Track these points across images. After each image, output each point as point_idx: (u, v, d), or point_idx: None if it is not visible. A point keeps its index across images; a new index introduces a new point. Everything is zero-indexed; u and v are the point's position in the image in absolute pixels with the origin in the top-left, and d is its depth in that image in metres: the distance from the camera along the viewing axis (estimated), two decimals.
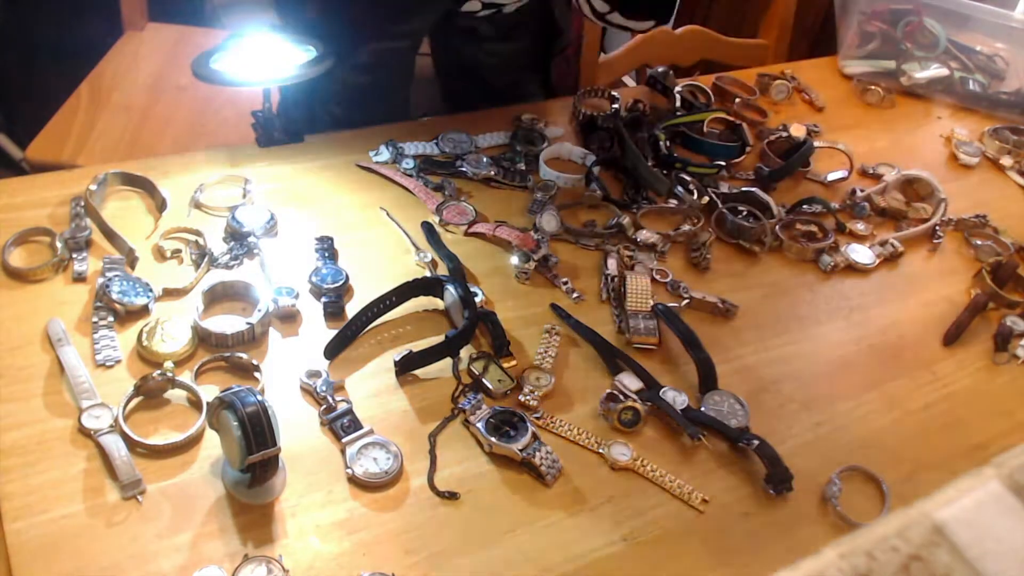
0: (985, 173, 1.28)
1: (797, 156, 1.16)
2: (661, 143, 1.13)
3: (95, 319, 0.81)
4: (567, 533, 0.72)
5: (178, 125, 1.62)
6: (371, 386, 0.81)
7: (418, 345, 0.84)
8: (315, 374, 0.80)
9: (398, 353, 0.82)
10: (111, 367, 0.78)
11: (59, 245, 0.87)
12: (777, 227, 1.05)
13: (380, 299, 0.86)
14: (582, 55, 1.46)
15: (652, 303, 0.92)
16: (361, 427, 0.76)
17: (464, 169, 1.07)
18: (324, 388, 0.78)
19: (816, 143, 1.20)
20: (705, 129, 1.21)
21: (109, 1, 1.82)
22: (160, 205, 0.95)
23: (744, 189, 1.09)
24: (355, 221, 0.99)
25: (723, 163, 1.14)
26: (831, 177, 1.19)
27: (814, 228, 1.07)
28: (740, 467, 0.79)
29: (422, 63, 1.29)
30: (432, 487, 0.73)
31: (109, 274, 0.84)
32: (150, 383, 0.76)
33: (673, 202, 1.08)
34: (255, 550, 0.67)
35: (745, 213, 1.04)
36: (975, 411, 0.89)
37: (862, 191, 1.15)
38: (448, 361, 0.83)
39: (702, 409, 0.83)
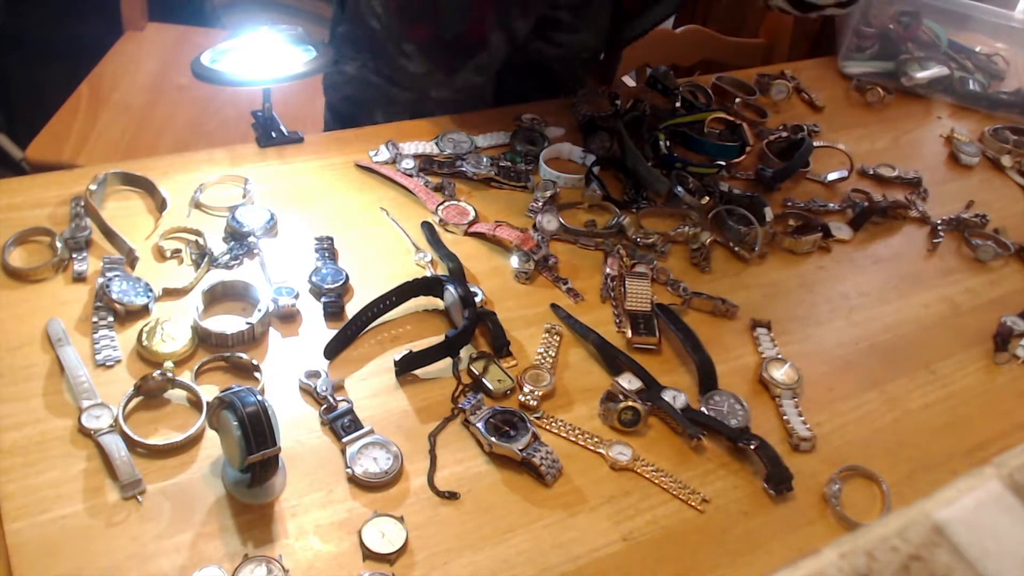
0: (985, 173, 1.28)
1: (798, 156, 1.16)
2: (661, 143, 1.13)
3: (95, 319, 0.81)
4: (567, 533, 0.72)
5: (178, 125, 1.62)
6: (371, 386, 0.81)
7: (418, 345, 0.84)
8: (315, 374, 0.80)
9: (398, 353, 0.82)
10: (111, 367, 0.78)
11: (59, 245, 0.87)
12: (771, 230, 1.06)
13: (380, 299, 0.86)
14: None
15: (652, 303, 0.92)
16: (361, 427, 0.76)
17: (464, 169, 1.07)
18: (324, 388, 0.78)
19: (816, 143, 1.20)
20: (705, 129, 1.21)
21: (109, 1, 1.83)
22: (160, 205, 0.95)
23: (749, 194, 1.09)
24: (355, 221, 0.99)
25: (723, 163, 1.14)
26: (831, 177, 1.19)
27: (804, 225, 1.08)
28: (740, 467, 0.79)
29: None
30: (432, 487, 0.73)
31: (109, 274, 0.84)
32: (150, 383, 0.76)
33: (673, 202, 1.08)
34: (255, 550, 0.67)
35: (739, 216, 1.04)
36: (975, 411, 0.89)
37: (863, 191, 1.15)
38: (448, 361, 0.83)
39: (702, 409, 0.83)
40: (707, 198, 1.08)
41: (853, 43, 1.44)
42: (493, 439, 0.76)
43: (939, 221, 1.14)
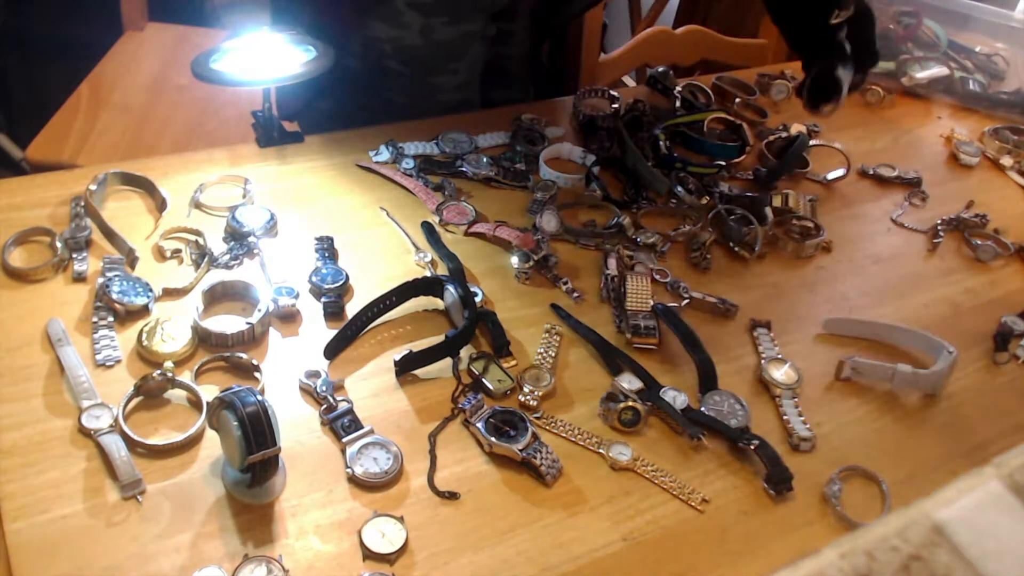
0: (985, 173, 1.28)
1: (791, 154, 1.16)
2: (661, 143, 1.13)
3: (95, 319, 0.81)
4: (567, 533, 0.72)
5: (178, 125, 1.62)
6: (371, 386, 0.81)
7: (418, 345, 0.84)
8: (315, 374, 0.80)
9: (398, 353, 0.82)
10: (111, 367, 0.78)
11: (59, 245, 0.87)
12: (770, 230, 1.06)
13: (380, 299, 0.86)
14: (582, 55, 1.46)
15: (652, 303, 0.92)
16: (361, 427, 0.76)
17: (464, 169, 1.07)
18: (324, 388, 0.78)
19: (812, 142, 1.21)
20: (705, 129, 1.21)
21: (109, 1, 1.83)
22: (160, 205, 0.95)
23: (749, 194, 1.09)
24: (355, 221, 0.99)
25: (723, 163, 1.14)
26: (831, 176, 1.19)
27: (809, 224, 1.08)
28: (740, 467, 0.79)
29: None
30: (432, 487, 0.73)
31: (109, 274, 0.84)
32: (150, 383, 0.76)
33: (673, 202, 1.08)
34: (255, 550, 0.67)
35: (739, 216, 1.04)
36: (975, 411, 0.89)
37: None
38: (448, 361, 0.83)
39: (702, 409, 0.83)
40: (707, 198, 1.08)
41: None
42: (493, 439, 0.76)
43: (939, 221, 1.14)
